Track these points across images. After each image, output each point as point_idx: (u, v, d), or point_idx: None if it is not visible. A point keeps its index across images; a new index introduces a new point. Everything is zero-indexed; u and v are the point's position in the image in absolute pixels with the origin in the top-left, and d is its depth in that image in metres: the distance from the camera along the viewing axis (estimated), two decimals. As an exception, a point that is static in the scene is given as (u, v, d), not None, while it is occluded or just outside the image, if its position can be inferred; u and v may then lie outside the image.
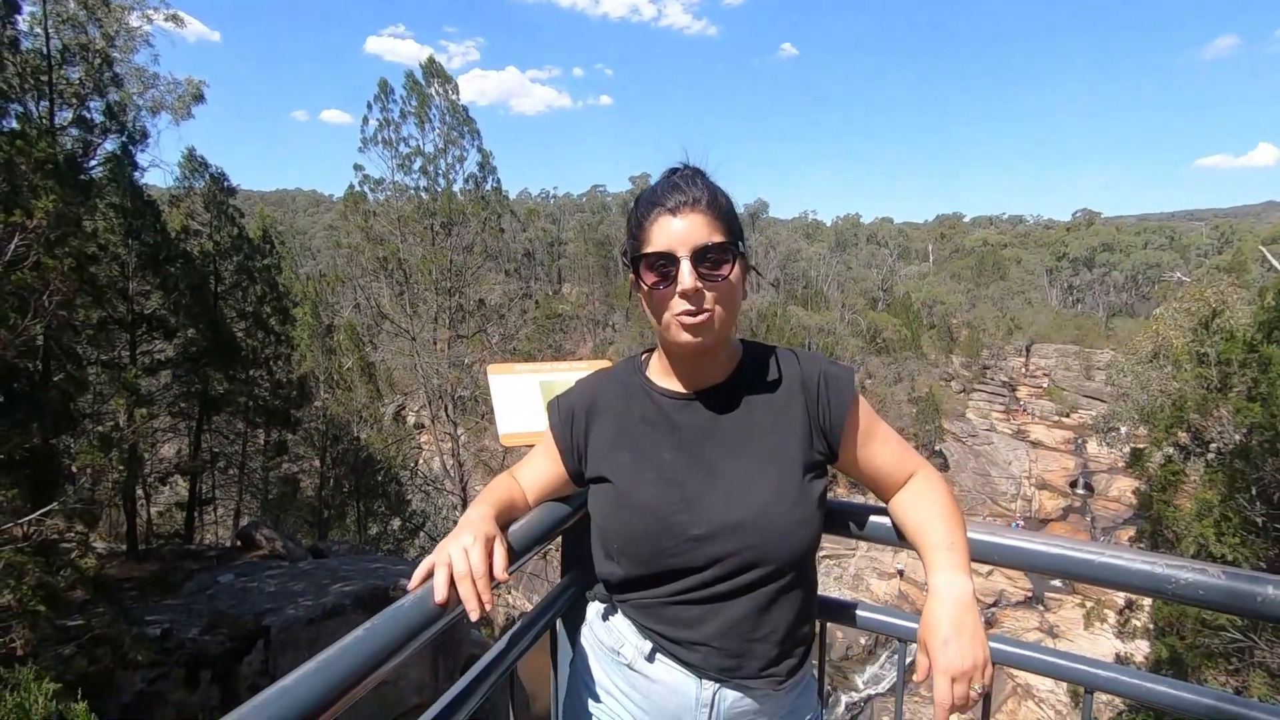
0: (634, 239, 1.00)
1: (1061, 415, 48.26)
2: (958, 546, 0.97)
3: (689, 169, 1.03)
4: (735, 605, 0.99)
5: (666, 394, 1.08)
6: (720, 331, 0.98)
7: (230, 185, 12.99)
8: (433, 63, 19.39)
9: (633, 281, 1.02)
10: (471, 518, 0.98)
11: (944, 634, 0.89)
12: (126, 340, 10.94)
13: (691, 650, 1.02)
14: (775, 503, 0.98)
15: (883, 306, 58.15)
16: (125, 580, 9.80)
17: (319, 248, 63.70)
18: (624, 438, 1.08)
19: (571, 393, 1.17)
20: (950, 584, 0.93)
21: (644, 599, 1.05)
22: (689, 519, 0.99)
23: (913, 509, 1.05)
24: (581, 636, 1.19)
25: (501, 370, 1.55)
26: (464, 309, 19.62)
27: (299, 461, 16.92)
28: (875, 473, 1.09)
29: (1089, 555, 0.93)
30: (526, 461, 1.19)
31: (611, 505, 1.05)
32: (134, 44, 12.46)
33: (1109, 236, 75.40)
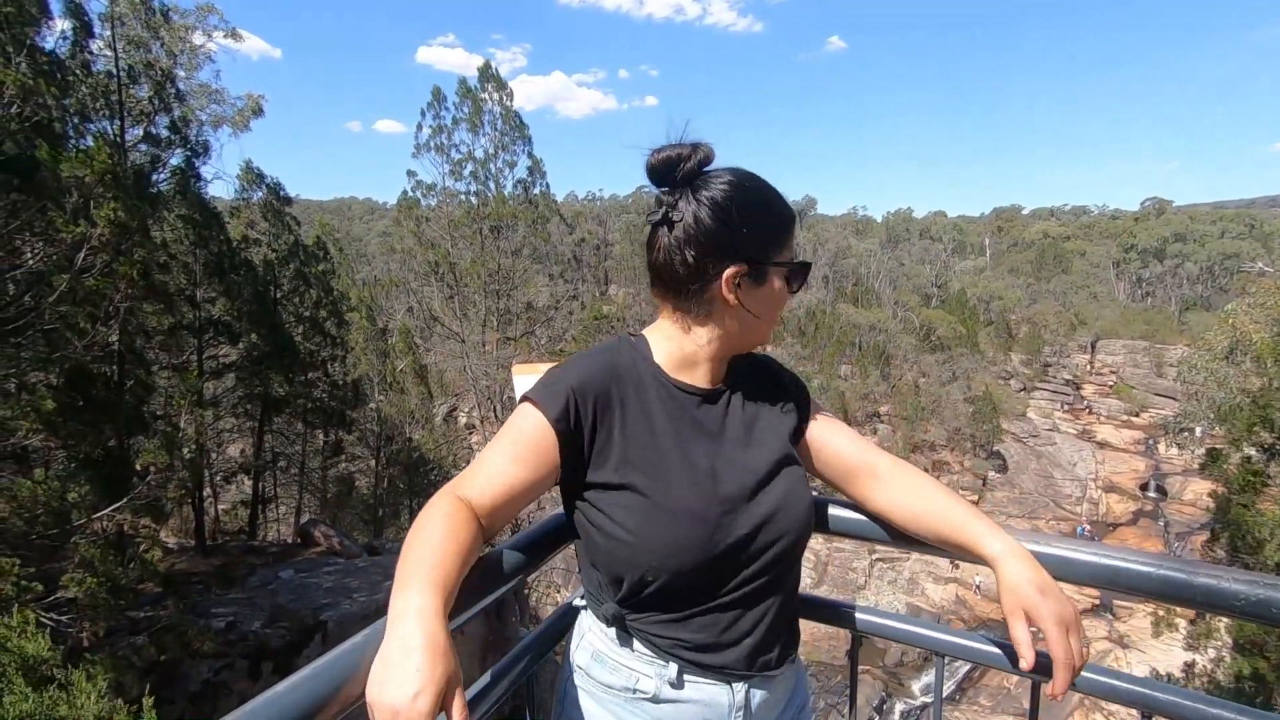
0: (775, 244, 1.01)
1: (1130, 415, 45.97)
2: (981, 514, 0.98)
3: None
4: (769, 598, 1.00)
5: (685, 389, 1.02)
6: None
7: (286, 195, 13.48)
8: (487, 68, 19.73)
9: (738, 274, 0.96)
10: (412, 643, 0.70)
11: (1037, 586, 0.87)
12: (194, 345, 11.45)
13: (726, 653, 0.98)
14: (794, 490, 1.01)
15: (937, 303, 56.51)
16: (193, 574, 10.26)
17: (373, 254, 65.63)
18: (645, 433, 0.97)
19: (566, 376, 0.98)
20: (1010, 546, 0.92)
21: (674, 610, 0.97)
22: (734, 519, 0.96)
23: (910, 494, 1.04)
24: (575, 688, 1.05)
25: (527, 370, 1.53)
26: (512, 312, 19.95)
27: (355, 461, 17.43)
28: (830, 462, 1.10)
29: (1147, 567, 0.84)
30: (484, 464, 0.94)
31: (641, 511, 0.93)
32: (196, 61, 13.07)
33: (1181, 226, 71.53)
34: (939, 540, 1.00)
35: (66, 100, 9.77)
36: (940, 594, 27.21)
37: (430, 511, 0.87)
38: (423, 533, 0.84)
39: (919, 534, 1.03)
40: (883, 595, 26.82)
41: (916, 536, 1.04)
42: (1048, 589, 0.87)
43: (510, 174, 19.63)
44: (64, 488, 6.61)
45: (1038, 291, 63.94)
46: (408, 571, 0.79)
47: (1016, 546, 0.92)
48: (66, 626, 5.53)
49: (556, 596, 26.55)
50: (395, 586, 0.77)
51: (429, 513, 0.87)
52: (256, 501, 14.34)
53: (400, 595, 0.75)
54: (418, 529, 0.85)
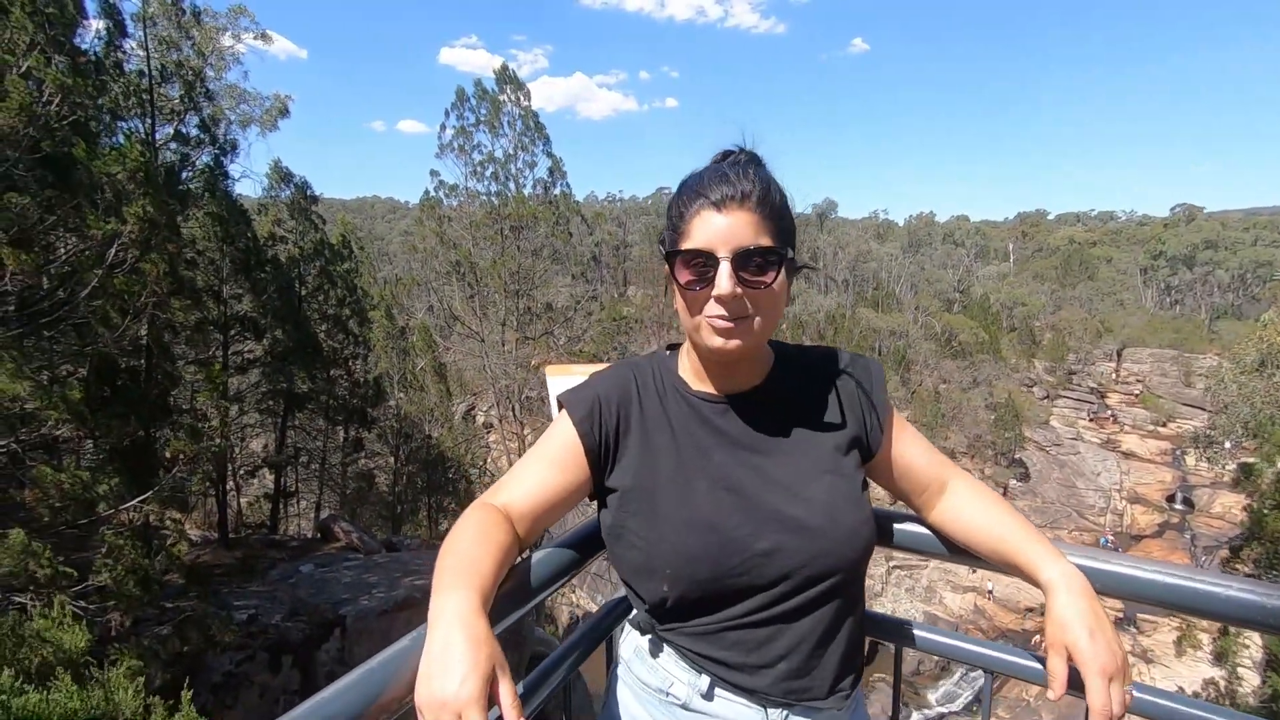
0: (673, 229, 0.91)
1: (1157, 425, 45.10)
2: (1043, 537, 0.92)
3: (743, 154, 0.94)
4: (803, 622, 0.92)
5: (704, 397, 0.99)
6: (756, 341, 0.90)
7: (313, 194, 13.66)
8: (505, 70, 19.86)
9: (667, 275, 0.93)
10: (453, 638, 0.69)
11: (1088, 626, 0.81)
12: (220, 340, 11.63)
13: (758, 675, 0.93)
14: (836, 506, 0.92)
15: (959, 308, 55.88)
16: (216, 566, 10.41)
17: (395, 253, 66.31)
18: (665, 442, 0.96)
19: (593, 385, 1.01)
20: (1068, 575, 0.86)
21: (701, 626, 0.94)
22: (752, 531, 0.90)
23: (976, 511, 0.99)
24: (618, 678, 1.06)
25: (559, 371, 1.53)
26: (531, 311, 20.03)
27: (374, 458, 17.60)
28: (906, 474, 1.03)
29: (1214, 588, 0.81)
30: (518, 473, 0.96)
31: (657, 520, 0.92)
32: (225, 62, 13.30)
33: (1212, 232, 70.07)
34: (998, 559, 0.96)
35: (100, 99, 9.99)
36: (959, 602, 26.88)
37: (466, 519, 0.89)
38: (458, 538, 0.85)
39: (979, 551, 0.99)
40: (900, 603, 26.54)
41: (976, 553, 1.00)
42: (1098, 632, 0.81)
43: (530, 174, 19.74)
44: (92, 478, 6.73)
45: (1062, 298, 63.00)
46: (444, 575, 0.80)
47: (1074, 577, 0.87)
48: (95, 615, 5.63)
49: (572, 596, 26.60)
50: (434, 590, 0.77)
51: (464, 520, 0.89)
52: (278, 496, 14.53)
53: (438, 597, 0.76)
54: (453, 535, 0.86)
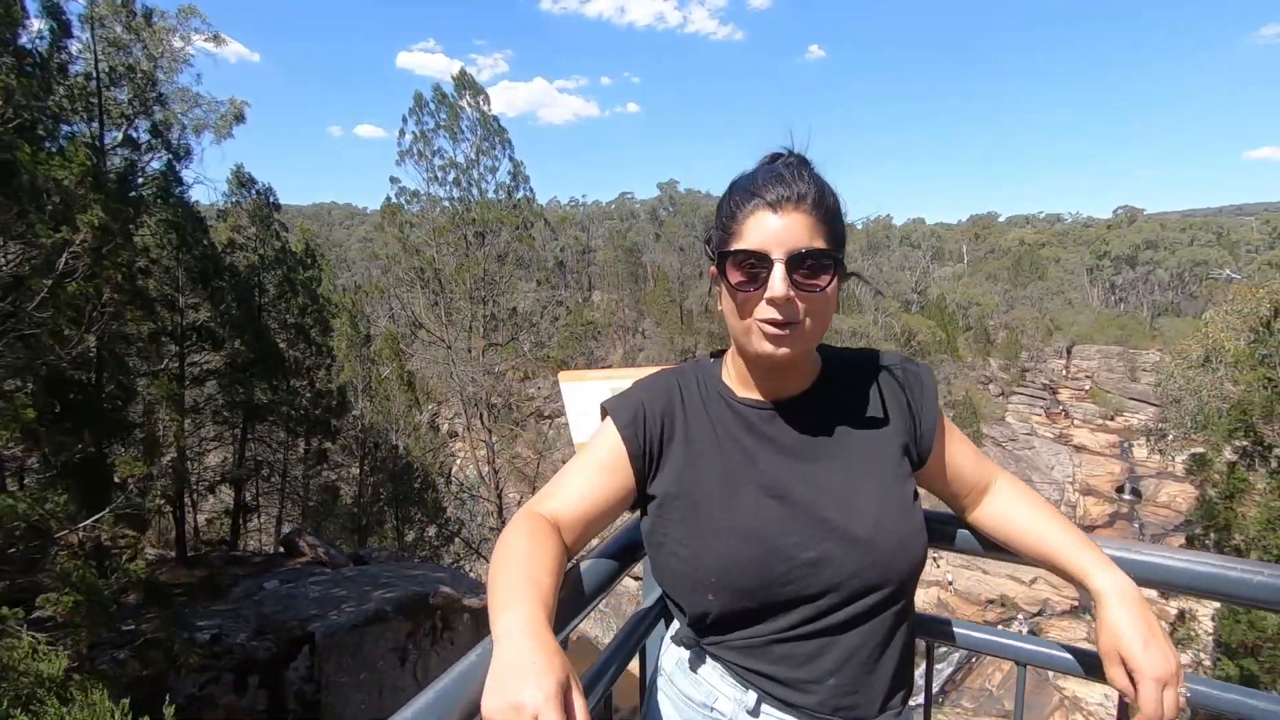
0: (723, 230, 0.89)
1: (1106, 418, 46.81)
2: (1090, 541, 0.92)
3: (794, 157, 0.92)
4: (852, 635, 0.89)
5: (749, 404, 0.96)
6: (807, 346, 0.89)
7: (276, 201, 13.33)
8: (463, 75, 19.70)
9: (714, 275, 0.92)
10: (522, 647, 0.68)
11: (1141, 635, 0.82)
12: (176, 352, 11.24)
13: (807, 692, 0.90)
14: (887, 516, 0.90)
15: (917, 309, 57.18)
16: (175, 586, 10.03)
17: (354, 259, 65.00)
18: (709, 449, 0.94)
19: (637, 392, 0.99)
20: (1119, 583, 0.87)
21: (746, 639, 0.91)
22: (798, 540, 0.88)
23: (1022, 514, 0.99)
24: (658, 690, 1.03)
25: (573, 377, 1.51)
26: (497, 317, 19.84)
27: (338, 470, 17.19)
28: (956, 478, 1.02)
29: (1245, 573, 0.84)
30: (563, 482, 0.95)
31: (702, 528, 0.90)
32: (177, 65, 12.87)
33: (1153, 233, 73.11)
34: (1044, 562, 0.96)
35: (44, 102, 9.57)
36: (922, 596, 27.43)
37: (514, 531, 0.87)
38: (510, 551, 0.83)
39: (1023, 553, 0.99)
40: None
41: (1019, 553, 1.00)
42: (1152, 641, 0.82)
43: (492, 179, 19.60)
44: (43, 497, 6.42)
45: (1015, 297, 64.95)
46: (504, 589, 0.78)
47: (1126, 587, 0.87)
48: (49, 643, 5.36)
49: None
50: (495, 609, 0.76)
51: (513, 532, 0.86)
52: (239, 511, 14.09)
53: (502, 615, 0.74)
54: (505, 549, 0.84)
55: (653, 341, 46.69)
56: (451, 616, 10.25)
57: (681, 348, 43.58)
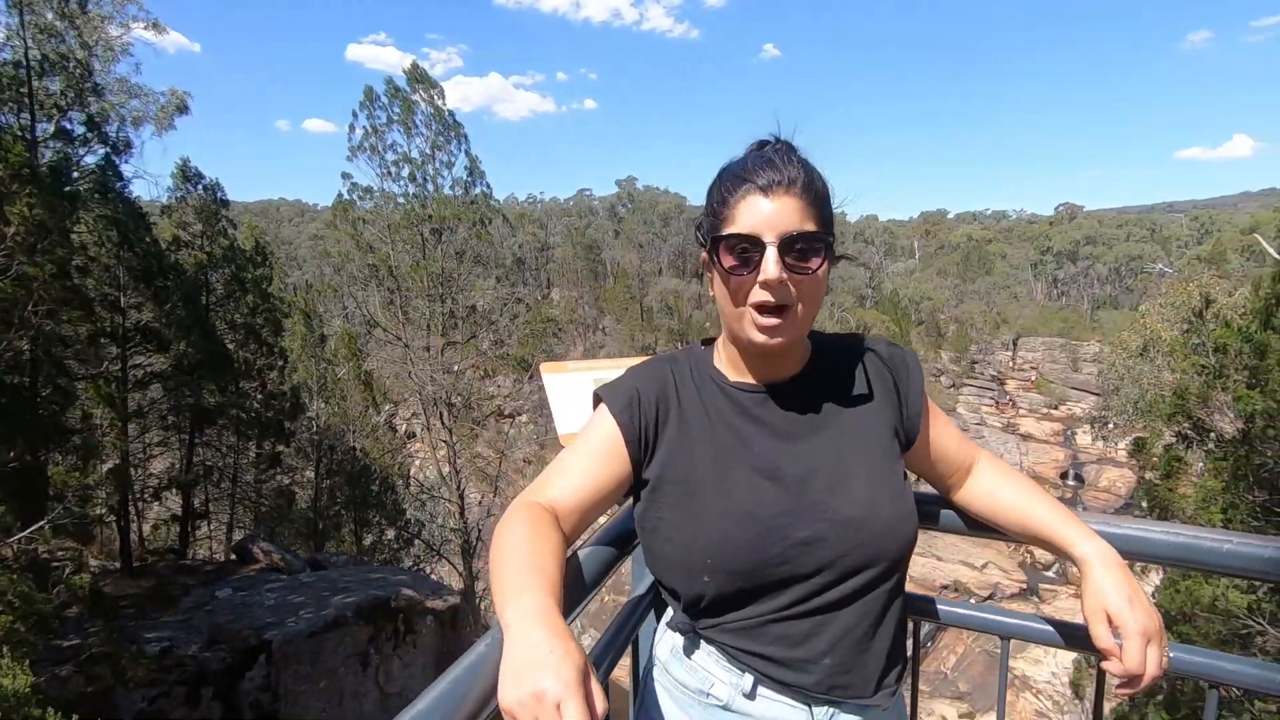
0: (714, 215, 0.90)
1: (1050, 408, 48.65)
2: (1072, 514, 0.96)
3: (782, 144, 0.94)
4: (846, 614, 0.90)
5: (741, 387, 0.97)
6: (799, 329, 0.90)
7: (224, 197, 12.85)
8: (416, 68, 19.30)
9: (705, 262, 0.93)
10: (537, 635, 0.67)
11: (1127, 595, 0.85)
12: (118, 354, 10.75)
13: (802, 672, 0.91)
14: (878, 497, 0.91)
15: (871, 304, 58.46)
16: (120, 598, 9.62)
17: (304, 257, 63.26)
18: (703, 433, 0.94)
19: (630, 379, 0.99)
20: (1102, 550, 0.90)
21: (741, 620, 0.92)
22: (792, 521, 0.89)
23: (1006, 491, 1.03)
24: (654, 680, 1.03)
25: (554, 369, 1.50)
26: (455, 315, 19.52)
27: (292, 473, 16.73)
28: (942, 459, 1.05)
29: (1215, 542, 0.89)
30: (559, 470, 0.94)
31: (696, 511, 0.90)
32: (114, 54, 12.29)
33: (1091, 230, 76.26)
34: (1029, 536, 0.99)
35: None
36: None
37: (513, 520, 0.85)
38: (512, 541, 0.82)
39: (1008, 529, 1.02)
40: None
41: (1004, 529, 1.03)
42: (1136, 600, 0.85)
43: (448, 175, 19.27)
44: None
45: (964, 292, 66.94)
46: (510, 579, 0.76)
47: (1108, 552, 0.91)
48: None
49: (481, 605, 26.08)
50: (502, 598, 0.74)
51: (512, 521, 0.85)
52: (187, 518, 13.59)
53: (511, 604, 0.72)
54: (505, 539, 0.82)
55: (613, 339, 46.65)
56: (414, 619, 10.09)
57: (642, 344, 43.64)
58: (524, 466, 32.68)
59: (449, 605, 10.65)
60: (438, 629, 10.35)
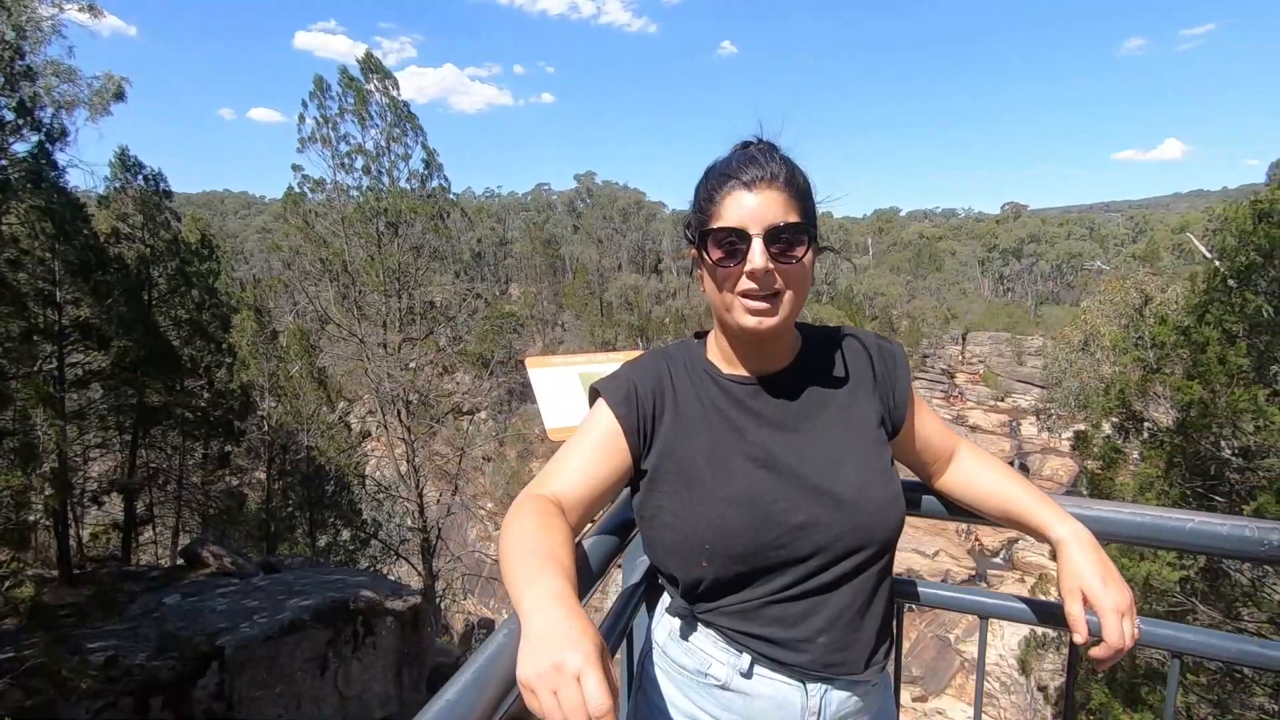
0: (701, 212, 0.95)
1: (996, 400, 50.36)
2: (1049, 498, 1.02)
3: (763, 143, 0.98)
4: (840, 594, 0.95)
5: (734, 379, 1.01)
6: (787, 317, 0.93)
7: (167, 187, 12.31)
8: (370, 57, 18.83)
9: (694, 257, 0.98)
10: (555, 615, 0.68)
11: (1101, 574, 0.91)
12: (53, 351, 10.24)
13: (799, 651, 0.95)
14: (870, 480, 0.96)
15: (827, 299, 59.54)
16: (60, 607, 9.19)
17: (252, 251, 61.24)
18: (699, 423, 0.98)
19: (626, 372, 1.03)
20: (1076, 530, 0.96)
21: (739, 603, 0.95)
22: (788, 505, 0.93)
23: (986, 477, 1.08)
24: (652, 663, 1.07)
25: (539, 363, 1.50)
26: (413, 311, 19.15)
27: (242, 474, 16.20)
28: (925, 447, 1.10)
29: (1179, 521, 0.95)
30: (561, 463, 0.97)
31: (695, 498, 0.94)
32: (44, 35, 11.65)
33: (1035, 228, 79.13)
34: (1007, 519, 1.05)
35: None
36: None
37: (521, 512, 0.88)
38: (523, 529, 0.84)
39: (988, 513, 1.08)
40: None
41: (983, 514, 1.09)
42: (1110, 577, 0.90)
43: (404, 167, 18.88)
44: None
45: (916, 288, 68.70)
46: (524, 566, 0.78)
47: (1082, 533, 0.96)
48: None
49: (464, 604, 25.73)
50: (518, 587, 0.75)
51: (521, 513, 0.87)
52: (130, 523, 13.05)
53: (528, 591, 0.73)
54: (515, 530, 0.84)
55: (573, 334, 46.45)
56: (374, 621, 9.90)
57: (602, 339, 43.55)
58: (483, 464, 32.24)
59: (410, 605, 10.48)
60: (399, 630, 10.18)
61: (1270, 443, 5.02)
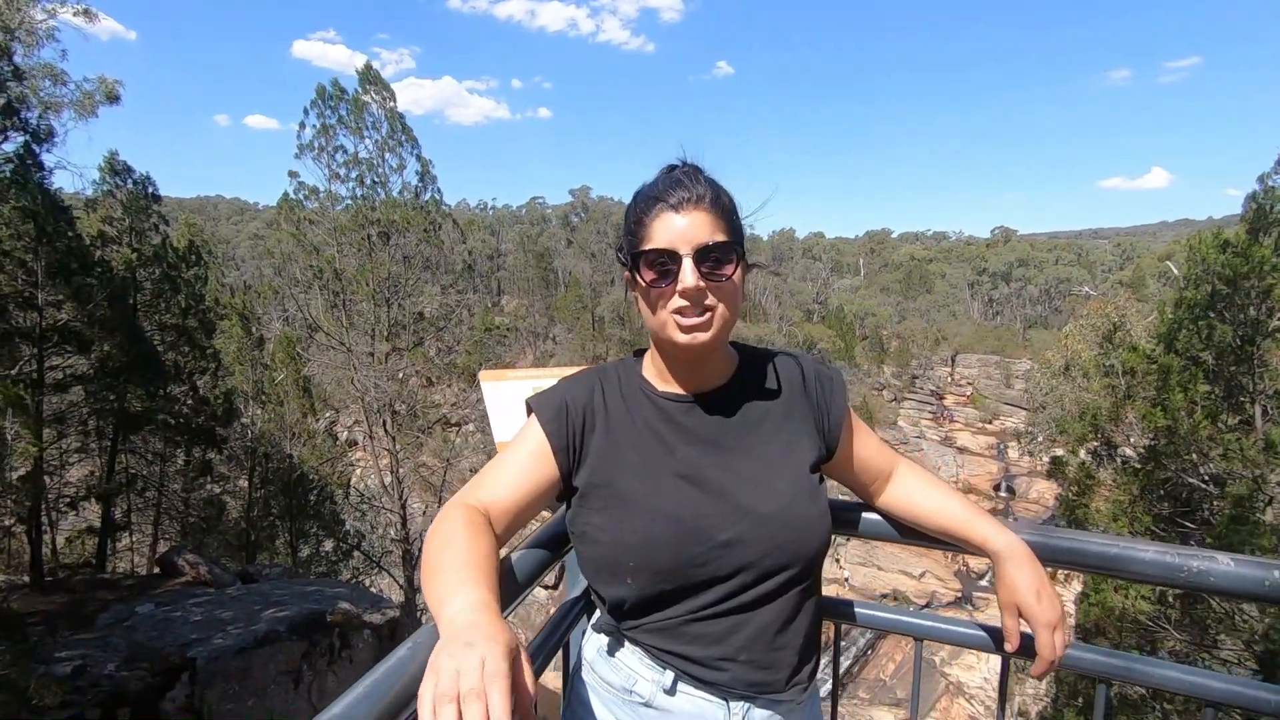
0: (632, 235, 0.96)
1: (984, 422, 50.60)
2: (987, 514, 1.03)
3: (689, 166, 1.00)
4: (762, 613, 0.96)
5: (668, 397, 1.02)
6: (719, 333, 0.95)
7: (155, 192, 12.26)
8: (369, 69, 18.94)
9: (629, 279, 0.99)
10: (465, 624, 0.68)
11: (1035, 588, 0.93)
12: (33, 354, 10.13)
13: (719, 669, 0.95)
14: (796, 500, 0.97)
15: (818, 319, 59.87)
16: (30, 615, 9.02)
17: (244, 257, 61.03)
18: (629, 440, 0.99)
19: (561, 389, 1.04)
20: (1012, 544, 0.98)
21: (662, 620, 0.96)
22: (713, 523, 0.93)
23: (924, 495, 1.09)
24: (581, 680, 1.07)
25: (494, 376, 1.51)
26: (401, 321, 19.11)
27: (224, 482, 16.01)
28: (863, 468, 1.11)
29: (1104, 546, 0.96)
30: (491, 474, 0.98)
31: (621, 515, 0.94)
32: (37, 39, 11.65)
33: (1024, 252, 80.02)
34: (946, 535, 1.06)
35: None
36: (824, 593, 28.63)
37: (448, 520, 0.88)
38: (449, 538, 0.84)
39: (928, 530, 1.09)
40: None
41: (925, 532, 1.10)
42: (1043, 593, 0.94)
43: (398, 178, 18.94)
44: None
45: (906, 309, 69.19)
46: (446, 575, 0.78)
47: (1019, 547, 0.98)
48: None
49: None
50: (439, 596, 0.75)
51: (448, 521, 0.88)
52: (106, 529, 12.85)
53: (450, 598, 0.74)
54: (437, 542, 0.85)
55: (563, 348, 46.42)
56: (350, 634, 9.77)
57: (593, 354, 43.54)
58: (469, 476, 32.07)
59: (388, 619, 10.35)
60: (376, 644, 10.04)
61: (1236, 470, 5.07)
